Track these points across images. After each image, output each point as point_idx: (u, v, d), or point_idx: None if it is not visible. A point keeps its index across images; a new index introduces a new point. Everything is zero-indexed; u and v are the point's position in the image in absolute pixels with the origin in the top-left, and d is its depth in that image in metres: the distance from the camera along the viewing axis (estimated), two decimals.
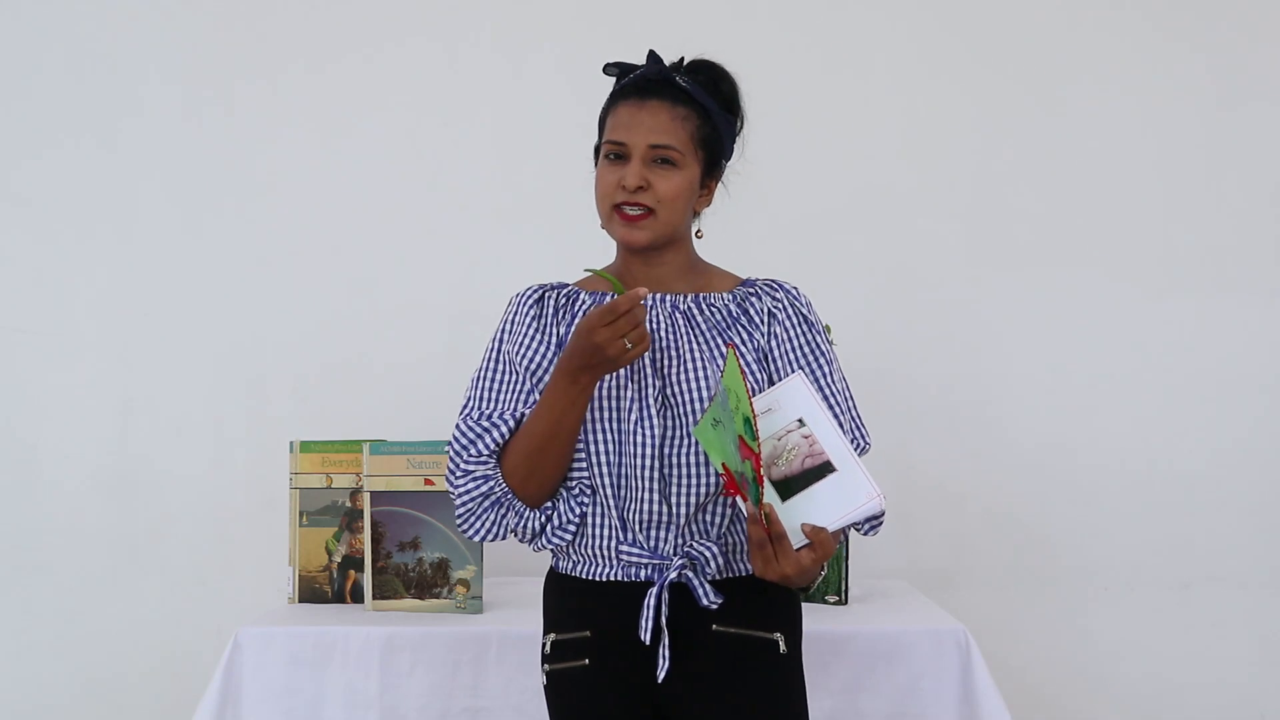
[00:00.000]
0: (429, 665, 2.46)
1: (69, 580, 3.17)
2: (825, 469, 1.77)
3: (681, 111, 1.93)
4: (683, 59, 1.98)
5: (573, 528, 1.94)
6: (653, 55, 1.96)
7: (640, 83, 1.94)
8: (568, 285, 2.03)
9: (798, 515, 1.76)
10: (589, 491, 1.94)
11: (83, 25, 3.18)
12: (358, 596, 2.70)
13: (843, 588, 2.71)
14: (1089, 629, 3.16)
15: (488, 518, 1.94)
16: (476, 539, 1.95)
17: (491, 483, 1.93)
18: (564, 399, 1.86)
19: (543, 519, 1.94)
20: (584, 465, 1.93)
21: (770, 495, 1.77)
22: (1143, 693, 3.15)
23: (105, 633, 3.16)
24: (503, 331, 2.02)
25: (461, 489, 1.94)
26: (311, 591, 2.72)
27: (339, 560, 2.72)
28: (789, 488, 1.78)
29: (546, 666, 1.96)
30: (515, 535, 1.96)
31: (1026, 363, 3.17)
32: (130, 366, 3.18)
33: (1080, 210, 3.17)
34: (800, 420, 1.80)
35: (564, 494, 1.95)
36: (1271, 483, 3.16)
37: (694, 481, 1.89)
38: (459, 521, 1.95)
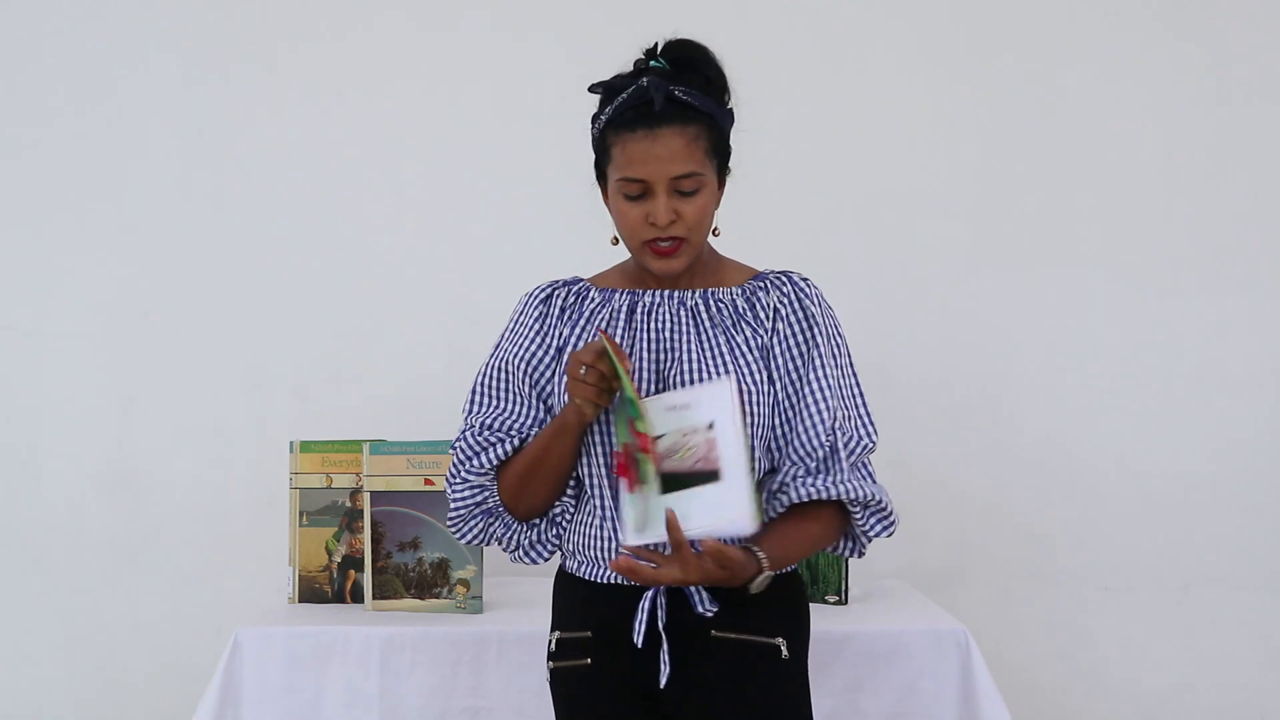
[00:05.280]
0: (429, 665, 2.46)
1: (69, 580, 3.17)
2: (712, 476, 1.75)
3: (692, 131, 1.86)
4: (656, 44, 1.93)
5: (551, 548, 1.99)
6: (655, 80, 1.86)
7: (646, 111, 1.85)
8: (580, 281, 2.03)
9: (659, 509, 1.75)
10: (569, 516, 1.97)
11: (78, 26, 3.18)
12: (358, 596, 2.70)
13: (843, 588, 2.71)
14: (1089, 629, 3.16)
15: (476, 524, 1.99)
16: (463, 542, 2.01)
17: (486, 493, 1.96)
18: (553, 426, 1.90)
19: (528, 534, 1.99)
20: (571, 493, 1.96)
21: (651, 483, 1.77)
22: (1143, 693, 3.15)
23: (105, 633, 3.16)
24: (507, 330, 2.02)
25: (457, 495, 1.97)
26: (311, 591, 2.72)
27: (339, 560, 2.72)
28: (672, 483, 1.77)
29: (551, 664, 1.98)
30: (499, 545, 2.00)
31: (1028, 362, 3.17)
32: (130, 366, 3.18)
33: (1082, 210, 3.17)
34: (711, 424, 1.77)
35: (548, 516, 1.98)
36: (1272, 484, 3.16)
37: None
38: (449, 523, 2.00)
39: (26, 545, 3.18)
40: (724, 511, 1.73)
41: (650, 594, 1.87)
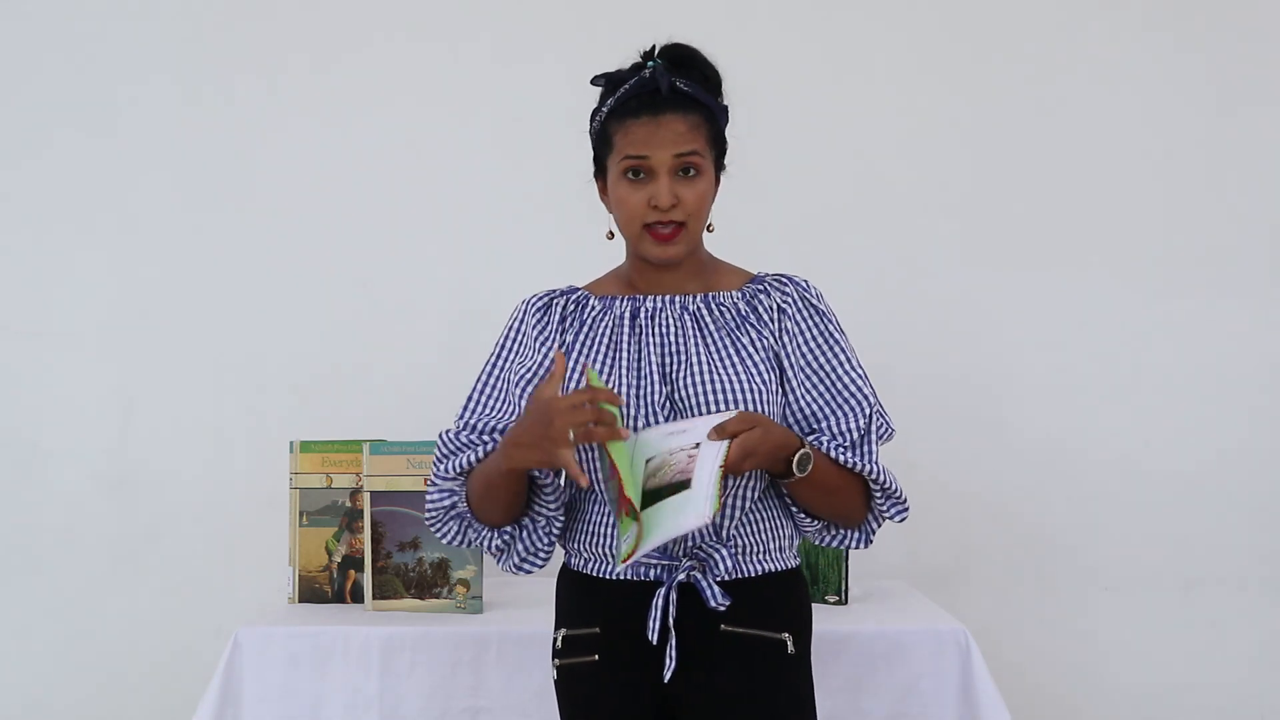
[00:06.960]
0: (429, 665, 2.46)
1: (69, 580, 3.17)
2: (684, 485, 1.76)
3: (693, 118, 1.90)
4: (654, 46, 1.95)
5: (545, 555, 1.96)
6: (659, 69, 1.91)
7: (650, 98, 1.90)
8: (578, 289, 2.03)
9: (647, 523, 1.75)
10: (560, 522, 1.95)
11: (81, 26, 3.18)
12: (358, 596, 2.70)
13: (843, 588, 2.71)
14: (1089, 629, 3.16)
15: (451, 527, 1.98)
16: (444, 542, 1.99)
17: (456, 498, 1.96)
18: (493, 465, 1.86)
19: (501, 541, 1.95)
20: (552, 500, 1.92)
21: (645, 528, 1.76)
22: (1143, 693, 3.15)
23: (104, 633, 3.16)
24: (505, 338, 2.02)
25: (431, 498, 1.97)
26: (311, 591, 2.72)
27: (339, 560, 2.72)
28: (652, 497, 1.77)
29: (557, 661, 1.97)
30: (486, 550, 1.98)
31: (1027, 362, 3.17)
32: (130, 367, 3.18)
33: (1081, 209, 3.17)
34: (697, 445, 1.78)
35: (530, 524, 1.95)
36: (1272, 483, 3.16)
37: None
38: (428, 523, 1.99)
39: (26, 545, 3.17)
40: (686, 515, 1.73)
41: (663, 590, 1.87)
